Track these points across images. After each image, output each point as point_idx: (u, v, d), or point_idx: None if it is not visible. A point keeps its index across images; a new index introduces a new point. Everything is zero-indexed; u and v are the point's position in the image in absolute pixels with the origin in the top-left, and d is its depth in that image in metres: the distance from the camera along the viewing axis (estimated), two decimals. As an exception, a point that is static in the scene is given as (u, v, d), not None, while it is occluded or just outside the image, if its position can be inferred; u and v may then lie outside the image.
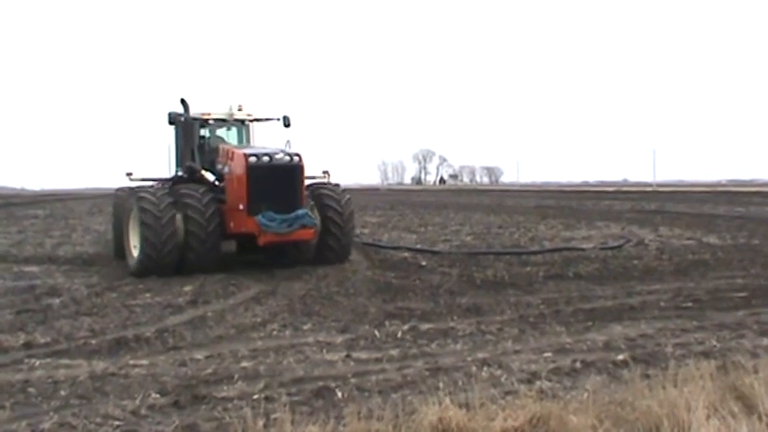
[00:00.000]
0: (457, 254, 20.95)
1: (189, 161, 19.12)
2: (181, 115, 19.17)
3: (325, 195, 18.60)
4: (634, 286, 15.10)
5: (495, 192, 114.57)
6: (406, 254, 20.90)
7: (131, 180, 19.82)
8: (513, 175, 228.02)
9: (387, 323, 11.59)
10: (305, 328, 11.41)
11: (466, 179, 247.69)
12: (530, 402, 6.83)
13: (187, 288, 15.00)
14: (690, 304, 13.02)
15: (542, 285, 15.32)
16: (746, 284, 15.06)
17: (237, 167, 17.47)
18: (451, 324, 11.50)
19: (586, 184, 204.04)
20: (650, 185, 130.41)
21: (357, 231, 23.85)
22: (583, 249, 21.80)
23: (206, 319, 12.18)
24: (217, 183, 18.17)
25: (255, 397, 7.82)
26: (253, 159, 17.23)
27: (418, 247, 22.75)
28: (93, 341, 10.57)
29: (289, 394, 7.87)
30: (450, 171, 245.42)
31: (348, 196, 19.13)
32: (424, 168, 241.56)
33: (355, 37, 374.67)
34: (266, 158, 17.36)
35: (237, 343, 10.44)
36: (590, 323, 11.51)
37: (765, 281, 15.55)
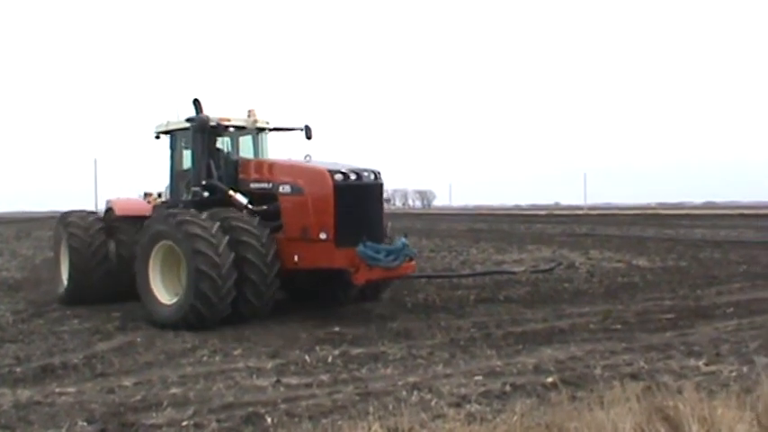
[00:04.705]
0: (389, 278, 20.90)
1: (206, 178, 15.58)
2: (209, 120, 15.73)
3: None
4: (564, 309, 15.26)
5: (428, 215, 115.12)
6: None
7: (150, 203, 17.15)
8: (445, 199, 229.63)
9: (317, 348, 11.55)
10: (235, 353, 11.33)
11: (398, 203, 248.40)
12: (458, 426, 6.86)
13: (116, 314, 14.81)
14: (619, 326, 13.21)
15: (473, 309, 15.42)
16: (674, 306, 15.35)
17: (316, 187, 14.36)
18: (382, 348, 11.51)
19: (519, 207, 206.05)
20: (581, 209, 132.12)
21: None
22: (514, 273, 21.92)
23: (135, 344, 12.04)
24: (250, 206, 15.05)
25: (184, 424, 7.73)
26: (339, 177, 14.26)
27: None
28: (19, 369, 10.39)
29: (218, 420, 7.80)
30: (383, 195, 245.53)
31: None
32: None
33: (285, 59, 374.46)
34: (354, 177, 14.48)
35: (167, 369, 10.33)
36: (520, 346, 11.58)
37: (693, 302, 15.86)
